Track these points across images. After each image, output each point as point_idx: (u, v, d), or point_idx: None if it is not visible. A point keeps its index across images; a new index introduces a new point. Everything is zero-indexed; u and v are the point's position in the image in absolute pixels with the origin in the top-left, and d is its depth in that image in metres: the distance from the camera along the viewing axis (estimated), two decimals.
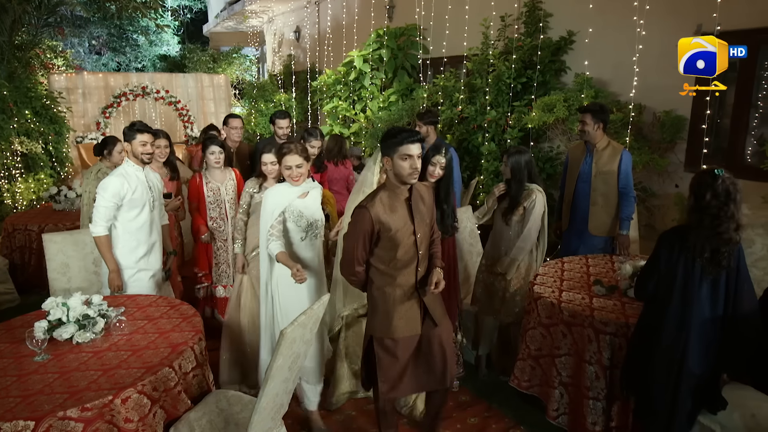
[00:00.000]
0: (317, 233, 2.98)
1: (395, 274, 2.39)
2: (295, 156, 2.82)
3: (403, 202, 2.38)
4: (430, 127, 4.42)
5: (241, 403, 2.45)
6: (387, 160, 2.32)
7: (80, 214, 4.59)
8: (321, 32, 10.15)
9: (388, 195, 2.37)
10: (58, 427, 1.90)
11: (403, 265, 2.39)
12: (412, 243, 2.39)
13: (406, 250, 2.37)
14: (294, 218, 2.86)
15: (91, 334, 2.42)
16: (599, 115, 3.67)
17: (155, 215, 3.36)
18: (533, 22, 5.76)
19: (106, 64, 17.38)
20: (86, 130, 10.04)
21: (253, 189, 3.45)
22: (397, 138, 2.28)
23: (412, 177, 2.30)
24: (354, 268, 2.43)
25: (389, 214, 2.33)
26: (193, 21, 19.33)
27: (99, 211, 3.10)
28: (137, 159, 3.23)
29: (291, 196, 2.86)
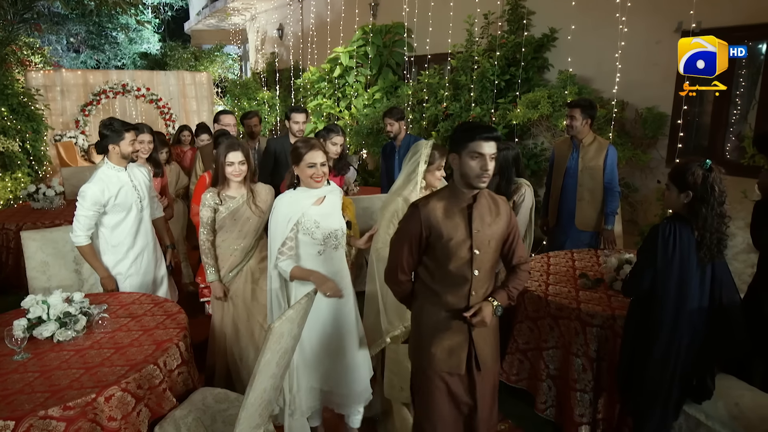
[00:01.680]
0: (338, 244, 2.56)
1: (442, 292, 2.06)
2: (320, 152, 2.46)
3: (463, 209, 2.04)
4: (401, 123, 4.54)
5: (228, 400, 2.42)
6: (453, 156, 2.02)
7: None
8: (305, 30, 10.09)
9: (447, 199, 2.05)
10: (39, 426, 1.85)
11: (453, 283, 2.05)
12: (466, 260, 2.03)
13: (458, 267, 2.03)
14: (308, 229, 2.47)
15: (72, 332, 2.37)
16: (588, 110, 3.70)
17: (144, 215, 3.20)
18: (516, 19, 5.80)
19: (84, 62, 17.11)
20: (65, 128, 9.84)
21: (214, 201, 2.96)
22: (469, 132, 1.97)
23: (481, 180, 1.96)
24: (397, 275, 2.11)
25: (443, 219, 2.01)
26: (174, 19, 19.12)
27: (79, 221, 2.95)
28: (125, 159, 3.07)
29: (305, 204, 2.48)
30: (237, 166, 2.95)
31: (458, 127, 2.08)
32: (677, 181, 2.18)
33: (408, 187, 2.75)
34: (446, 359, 2.08)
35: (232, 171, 2.95)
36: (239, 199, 3.01)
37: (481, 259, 2.04)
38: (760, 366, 2.60)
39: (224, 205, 2.98)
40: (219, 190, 2.99)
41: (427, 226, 2.01)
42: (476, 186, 1.99)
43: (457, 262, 2.02)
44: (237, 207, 2.99)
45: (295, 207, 2.46)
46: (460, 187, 2.03)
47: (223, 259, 3.03)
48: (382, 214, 2.81)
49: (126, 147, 3.06)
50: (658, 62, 4.75)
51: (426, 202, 2.04)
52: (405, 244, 2.06)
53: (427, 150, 2.74)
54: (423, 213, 2.01)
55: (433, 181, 2.77)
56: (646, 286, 2.24)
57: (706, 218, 2.13)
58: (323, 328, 2.54)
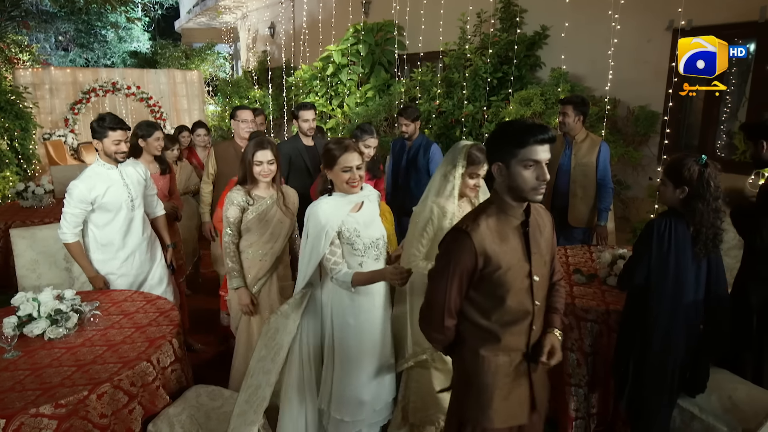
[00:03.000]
0: (379, 254, 2.34)
1: (500, 333, 1.70)
2: (355, 154, 2.23)
3: (516, 228, 1.70)
4: (416, 124, 4.32)
5: (222, 397, 2.40)
6: (498, 167, 1.64)
7: None
8: (296, 28, 10.06)
9: (496, 216, 1.68)
10: (30, 424, 1.82)
11: (513, 320, 1.71)
12: (526, 289, 1.71)
13: (518, 299, 1.70)
14: (348, 239, 2.24)
15: (63, 330, 2.34)
16: (580, 107, 3.71)
17: (136, 214, 3.09)
18: (508, 17, 5.81)
19: (73, 60, 16.92)
20: (54, 126, 9.75)
21: (243, 200, 2.80)
22: (519, 136, 1.58)
23: (538, 193, 1.62)
24: (443, 321, 1.71)
25: (498, 244, 1.65)
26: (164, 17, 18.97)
27: (66, 218, 2.88)
28: (110, 158, 2.96)
29: (343, 211, 2.25)
30: (266, 166, 2.80)
31: (501, 130, 1.68)
32: (673, 176, 2.19)
33: (443, 194, 2.45)
34: (513, 413, 1.76)
35: (261, 171, 2.79)
36: (268, 199, 2.86)
37: (539, 286, 1.74)
38: (749, 359, 2.62)
39: (254, 205, 2.81)
40: (248, 189, 2.82)
41: (483, 255, 1.63)
42: (532, 200, 1.66)
43: (516, 293, 1.68)
44: (267, 208, 2.84)
45: (335, 215, 2.22)
46: (507, 200, 1.67)
47: (250, 266, 2.84)
48: (414, 222, 2.52)
49: (109, 145, 2.92)
50: (649, 60, 4.79)
51: (475, 225, 1.64)
52: (454, 280, 1.65)
53: (465, 152, 2.41)
54: (476, 239, 1.62)
55: (466, 190, 2.44)
56: (641, 280, 2.24)
57: (702, 213, 2.14)
58: (365, 348, 2.33)
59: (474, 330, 1.74)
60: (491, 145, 1.69)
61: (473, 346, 1.74)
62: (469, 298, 1.72)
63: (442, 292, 1.68)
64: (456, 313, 1.73)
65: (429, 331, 1.79)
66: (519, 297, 1.69)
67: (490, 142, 1.71)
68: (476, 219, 1.67)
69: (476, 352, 1.74)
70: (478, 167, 2.38)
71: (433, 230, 2.40)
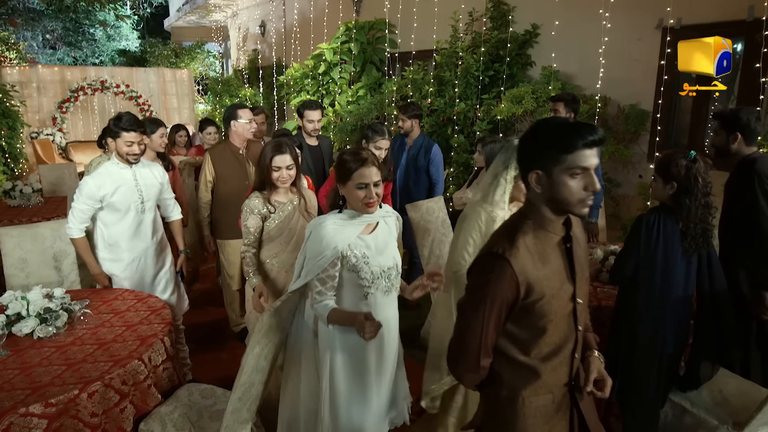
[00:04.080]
0: (390, 286, 2.02)
1: (541, 369, 1.46)
2: (374, 169, 1.92)
3: (556, 246, 1.46)
4: (414, 121, 4.28)
5: (214, 395, 2.38)
6: (537, 175, 1.39)
7: (68, 208, 4.40)
8: (287, 27, 10.02)
9: (534, 234, 1.43)
10: (19, 424, 1.80)
11: (554, 351, 1.47)
12: (568, 314, 1.47)
13: (560, 327, 1.46)
14: (353, 266, 1.93)
15: (53, 329, 2.31)
16: (571, 104, 3.74)
17: (146, 217, 3.01)
18: (499, 16, 5.82)
19: (61, 59, 16.75)
20: (41, 125, 9.64)
21: (264, 208, 2.62)
22: (568, 138, 1.33)
23: (585, 205, 1.38)
24: (479, 362, 1.45)
25: (540, 267, 1.40)
26: (153, 15, 18.83)
27: (73, 212, 2.85)
28: (122, 158, 2.91)
29: (352, 233, 1.95)
30: (284, 172, 2.61)
31: (540, 131, 1.41)
32: (662, 172, 2.21)
33: (492, 198, 2.24)
34: None
35: (279, 177, 2.61)
36: (288, 205, 2.68)
37: (583, 309, 1.51)
38: (738, 353, 2.65)
39: (275, 213, 2.64)
40: (267, 196, 2.64)
41: (525, 284, 1.38)
42: (578, 214, 1.41)
43: (559, 321, 1.45)
44: (289, 214, 2.67)
45: (342, 237, 1.93)
46: (545, 213, 1.42)
47: (276, 277, 2.68)
48: (459, 227, 2.34)
49: (122, 146, 2.87)
50: (639, 58, 4.82)
51: (514, 248, 1.38)
52: (491, 316, 1.40)
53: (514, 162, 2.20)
54: (517, 266, 1.37)
55: (519, 195, 2.26)
56: (629, 273, 2.27)
57: (690, 209, 2.16)
58: (366, 392, 2.06)
59: (510, 367, 1.48)
60: (527, 150, 1.42)
61: (510, 385, 1.49)
62: (506, 332, 1.46)
63: (478, 329, 1.42)
64: (492, 351, 1.48)
65: (462, 371, 1.51)
66: (561, 325, 1.46)
67: (525, 145, 1.43)
68: (513, 240, 1.40)
69: (514, 393, 1.48)
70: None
71: (480, 238, 2.23)
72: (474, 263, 1.47)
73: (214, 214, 3.78)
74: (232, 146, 3.74)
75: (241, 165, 3.72)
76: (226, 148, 3.76)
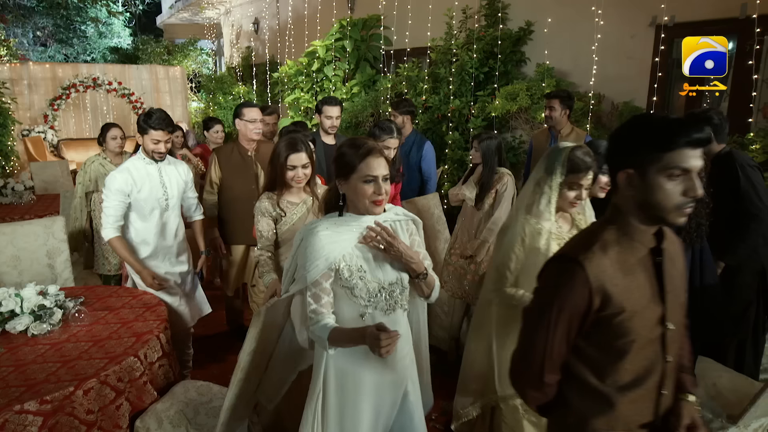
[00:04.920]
0: (394, 305, 1.73)
1: (616, 399, 1.28)
2: (382, 160, 1.68)
3: (644, 259, 1.28)
4: (406, 117, 4.21)
5: (210, 392, 2.38)
6: (628, 175, 1.23)
7: (61, 208, 4.37)
8: (281, 24, 9.99)
9: (617, 242, 1.27)
10: (15, 421, 1.79)
11: (635, 382, 1.28)
12: (656, 339, 1.29)
13: (644, 354, 1.28)
14: (348, 280, 1.66)
15: (47, 326, 2.29)
16: (566, 101, 3.76)
17: (170, 216, 2.97)
18: (493, 13, 5.83)
19: (52, 56, 16.60)
20: (33, 123, 9.56)
21: (274, 210, 2.49)
22: (668, 134, 1.18)
23: (683, 214, 1.22)
24: (542, 376, 1.30)
25: (621, 278, 1.24)
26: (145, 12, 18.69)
27: (106, 212, 2.80)
28: (148, 154, 2.88)
29: (348, 241, 1.68)
30: (300, 171, 2.46)
31: (637, 126, 1.25)
32: None
33: (535, 208, 2.04)
34: None
35: (294, 176, 2.46)
36: (301, 205, 2.54)
37: (674, 336, 1.31)
38: (731, 347, 2.68)
39: (287, 215, 2.51)
40: (278, 197, 2.51)
41: (600, 294, 1.22)
42: (673, 223, 1.24)
43: (643, 345, 1.27)
44: (301, 216, 2.53)
45: (336, 246, 1.65)
46: (633, 221, 1.27)
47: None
48: (500, 240, 2.14)
49: (148, 143, 2.84)
50: (633, 56, 4.84)
51: (590, 253, 1.24)
52: (558, 325, 1.26)
53: (565, 156, 1.97)
54: (592, 272, 1.22)
55: (564, 205, 2.04)
56: None
57: None
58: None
59: (581, 392, 1.31)
60: (620, 145, 1.27)
61: (579, 413, 1.32)
62: (577, 349, 1.30)
63: (542, 339, 1.26)
64: (560, 367, 1.31)
65: (523, 386, 1.36)
66: (646, 351, 1.27)
67: (618, 140, 1.28)
68: (590, 245, 1.26)
69: (583, 422, 1.31)
70: (582, 176, 1.95)
71: (524, 252, 2.03)
72: (545, 267, 1.33)
73: (218, 216, 3.66)
74: (240, 147, 3.55)
75: (248, 167, 3.55)
76: (234, 149, 3.57)
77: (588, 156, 1.96)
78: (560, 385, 1.33)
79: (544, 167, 2.03)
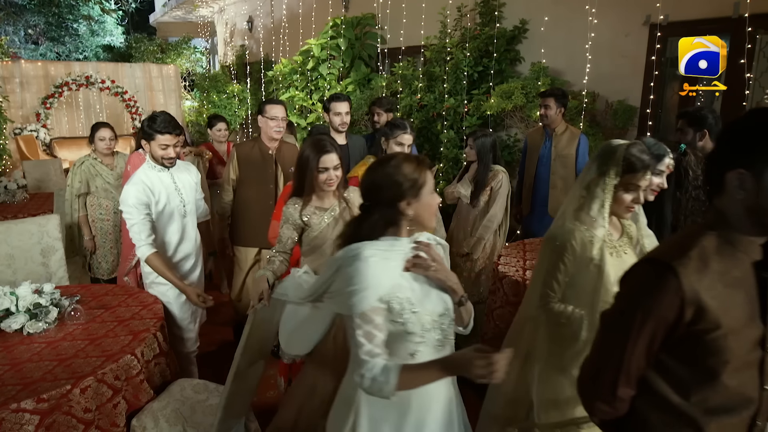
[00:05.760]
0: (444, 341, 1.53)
1: (703, 423, 1.15)
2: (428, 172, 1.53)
3: (747, 272, 1.16)
4: (389, 115, 4.27)
5: (207, 390, 2.37)
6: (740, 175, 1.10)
7: (55, 206, 4.30)
8: (275, 22, 9.96)
9: (717, 250, 1.14)
10: (11, 420, 1.77)
11: (725, 407, 1.15)
12: (753, 363, 1.16)
13: (739, 379, 1.14)
14: (399, 314, 1.45)
15: (43, 324, 2.28)
16: (561, 99, 3.78)
17: (188, 221, 2.88)
18: (488, 12, 5.85)
19: (44, 54, 16.48)
20: (25, 121, 9.47)
21: (301, 218, 2.33)
22: None
23: None
24: (615, 389, 1.17)
25: (719, 289, 1.12)
26: (138, 11, 18.60)
27: (133, 230, 2.62)
28: (158, 161, 2.73)
29: (396, 269, 1.49)
30: (332, 173, 2.31)
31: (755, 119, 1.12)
32: None
33: (585, 213, 1.86)
34: None
35: (327, 179, 2.30)
36: (331, 211, 2.38)
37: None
38: None
39: (316, 221, 2.35)
40: (305, 204, 2.34)
41: (693, 305, 1.10)
42: None
43: (737, 368, 1.13)
44: (331, 222, 2.36)
45: (385, 276, 1.44)
46: (739, 228, 1.14)
47: None
48: (545, 249, 1.96)
49: (156, 149, 2.68)
50: (627, 54, 4.86)
51: (685, 260, 1.11)
52: (641, 335, 1.13)
53: (620, 155, 1.79)
54: (686, 280, 1.09)
55: (620, 210, 1.87)
56: None
57: (680, 201, 2.19)
58: None
59: (660, 410, 1.17)
60: (733, 141, 1.13)
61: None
62: (659, 364, 1.17)
63: (620, 348, 1.15)
64: (637, 381, 1.18)
65: (592, 398, 1.22)
66: (741, 376, 1.13)
67: (732, 135, 1.14)
68: (687, 250, 1.12)
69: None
70: (640, 176, 1.79)
71: (574, 264, 1.85)
72: (628, 271, 1.20)
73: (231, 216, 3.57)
74: (261, 144, 3.43)
75: (268, 166, 3.41)
76: (255, 146, 3.44)
77: (645, 154, 1.81)
78: (634, 401, 1.20)
79: (595, 168, 1.85)
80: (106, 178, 3.95)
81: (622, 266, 1.42)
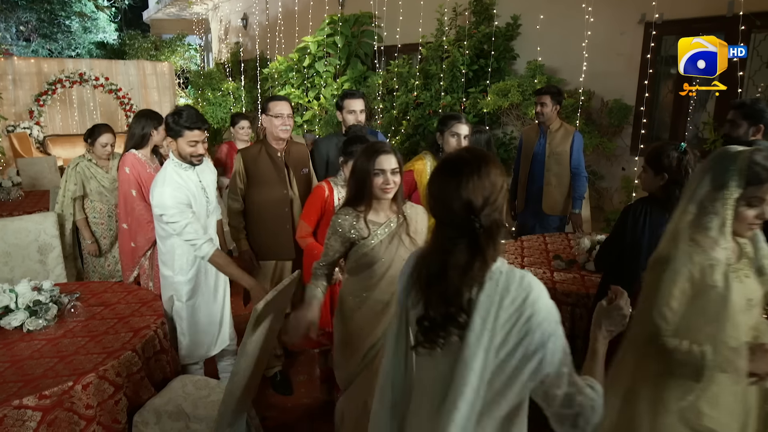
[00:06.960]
0: None
1: None
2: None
3: None
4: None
5: (208, 386, 2.38)
6: None
7: (51, 204, 4.27)
8: (271, 19, 9.93)
9: None
10: (13, 416, 1.77)
11: None
12: None
13: None
14: None
15: (43, 321, 2.28)
16: (557, 97, 3.80)
17: (211, 221, 2.79)
18: (482, 10, 5.86)
19: (36, 51, 16.32)
20: (18, 119, 9.40)
21: (349, 231, 2.03)
22: None
23: None
24: None
25: None
26: (131, 7, 18.45)
27: (184, 233, 2.50)
28: (184, 159, 2.59)
29: None
30: (389, 177, 1.98)
31: None
32: (653, 163, 2.25)
33: (704, 233, 1.59)
34: None
35: (384, 183, 1.98)
36: (386, 226, 2.06)
37: None
38: None
39: (368, 238, 2.03)
40: (363, 214, 2.04)
41: None
42: None
43: None
44: (385, 239, 2.05)
45: None
46: None
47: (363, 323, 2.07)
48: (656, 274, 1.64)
49: (184, 146, 2.53)
50: (622, 53, 4.90)
51: None
52: None
53: (743, 164, 1.51)
54: None
55: (741, 228, 1.61)
56: (614, 259, 2.32)
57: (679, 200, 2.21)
58: None
59: None
60: None
61: None
62: None
63: None
64: None
65: None
66: None
67: None
68: None
69: None
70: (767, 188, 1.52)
71: (692, 290, 1.58)
72: None
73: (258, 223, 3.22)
74: (269, 147, 3.08)
75: (279, 170, 3.08)
76: (262, 149, 3.09)
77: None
78: None
79: (710, 180, 1.57)
80: (101, 181, 3.78)
81: (745, 292, 1.28)
